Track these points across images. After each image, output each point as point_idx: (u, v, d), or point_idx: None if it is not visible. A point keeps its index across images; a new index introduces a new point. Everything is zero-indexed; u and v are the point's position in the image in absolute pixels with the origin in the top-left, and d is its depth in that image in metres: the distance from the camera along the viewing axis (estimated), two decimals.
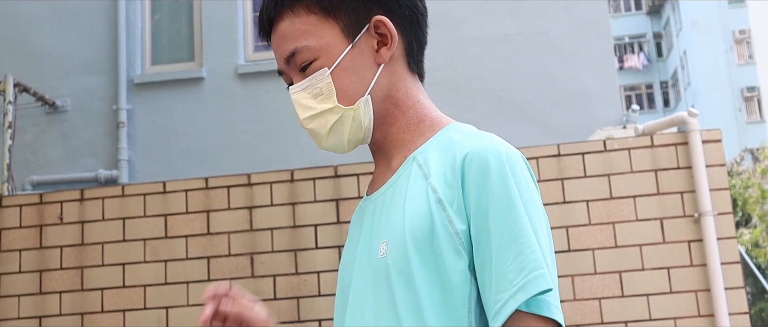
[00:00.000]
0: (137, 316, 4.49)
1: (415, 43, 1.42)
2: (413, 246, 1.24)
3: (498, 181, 1.22)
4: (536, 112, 6.10)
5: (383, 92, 1.37)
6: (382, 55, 1.37)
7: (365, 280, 1.31)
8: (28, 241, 4.65)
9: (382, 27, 1.37)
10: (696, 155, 4.28)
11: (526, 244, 1.19)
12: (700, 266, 4.22)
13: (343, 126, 1.35)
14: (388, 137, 1.39)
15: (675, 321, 4.19)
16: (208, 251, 4.52)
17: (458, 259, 1.22)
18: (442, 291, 1.23)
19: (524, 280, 1.17)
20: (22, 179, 6.30)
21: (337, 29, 1.35)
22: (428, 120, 1.39)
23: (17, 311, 4.57)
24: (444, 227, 1.23)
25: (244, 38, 6.68)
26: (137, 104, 6.57)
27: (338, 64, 1.34)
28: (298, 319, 4.41)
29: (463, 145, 1.28)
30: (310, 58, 1.35)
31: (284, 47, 1.37)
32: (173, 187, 4.62)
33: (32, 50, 6.70)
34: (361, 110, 1.35)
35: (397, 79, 1.38)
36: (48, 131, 6.56)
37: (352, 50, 1.35)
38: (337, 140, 1.37)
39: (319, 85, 1.34)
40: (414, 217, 1.25)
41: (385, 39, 1.37)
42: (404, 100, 1.38)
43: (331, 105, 1.34)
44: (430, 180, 1.27)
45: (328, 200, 4.50)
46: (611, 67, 6.28)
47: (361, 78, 1.35)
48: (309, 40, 1.35)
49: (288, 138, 6.29)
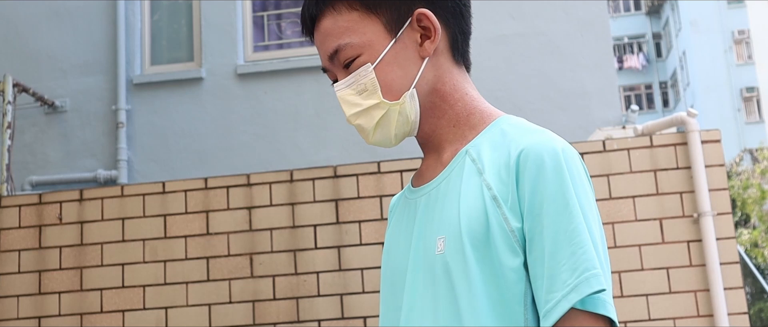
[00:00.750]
0: (136, 317, 4.49)
1: (459, 35, 1.41)
2: (470, 243, 1.24)
3: (553, 179, 1.21)
4: (535, 112, 6.10)
5: (429, 85, 1.36)
6: (426, 48, 1.36)
7: (423, 275, 1.30)
8: (27, 242, 4.65)
9: (424, 20, 1.36)
10: (695, 155, 4.28)
11: (580, 243, 1.18)
12: (700, 266, 4.22)
13: (389, 121, 1.34)
14: (437, 130, 1.38)
15: (674, 321, 4.20)
16: (207, 251, 4.52)
17: (513, 257, 1.22)
18: (498, 288, 1.22)
19: (577, 281, 1.17)
20: (22, 179, 6.30)
21: (379, 25, 1.35)
22: (478, 112, 1.38)
23: (16, 311, 4.57)
24: (499, 225, 1.23)
25: (244, 38, 6.68)
26: (136, 104, 6.57)
27: (382, 59, 1.34)
28: (298, 319, 4.40)
29: (517, 140, 1.27)
30: (353, 54, 1.35)
31: (327, 45, 1.37)
32: (172, 187, 4.62)
33: (31, 50, 6.70)
34: (406, 104, 1.34)
35: (442, 72, 1.38)
36: (47, 131, 6.56)
37: (395, 45, 1.35)
38: (383, 135, 1.36)
39: (363, 81, 1.34)
40: (470, 214, 1.25)
41: (428, 32, 1.36)
42: (451, 93, 1.38)
43: (377, 100, 1.34)
44: (485, 176, 1.27)
45: (327, 200, 4.50)
46: (610, 67, 6.28)
47: (405, 72, 1.34)
48: (351, 36, 1.35)
49: (287, 138, 6.29)
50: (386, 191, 4.44)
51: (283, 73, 6.37)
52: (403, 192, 1.48)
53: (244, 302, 4.45)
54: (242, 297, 4.45)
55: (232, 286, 4.47)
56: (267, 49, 6.71)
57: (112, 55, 6.61)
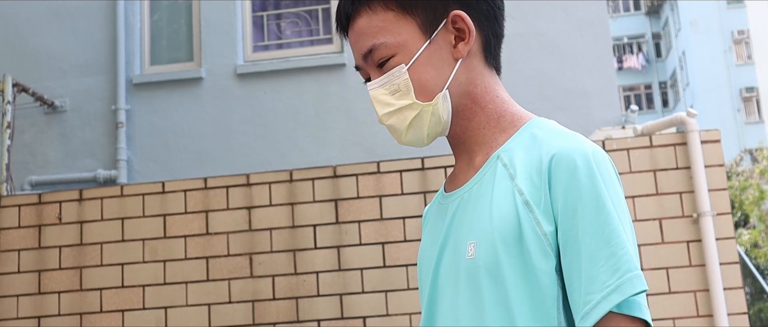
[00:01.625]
0: (136, 317, 4.49)
1: (492, 38, 1.42)
2: (502, 248, 1.24)
3: (586, 182, 1.21)
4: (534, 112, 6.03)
5: (461, 88, 1.36)
6: (460, 50, 1.36)
7: (454, 280, 1.31)
8: (26, 241, 4.65)
9: (459, 22, 1.36)
10: (695, 155, 4.28)
11: (619, 245, 1.18)
12: (699, 266, 4.22)
13: (421, 122, 1.35)
14: (468, 131, 1.38)
15: (674, 321, 4.20)
16: (206, 251, 4.52)
17: (546, 261, 1.22)
18: (531, 292, 1.23)
19: (619, 282, 1.17)
20: (21, 179, 6.30)
21: (414, 25, 1.35)
22: (508, 115, 1.39)
23: (16, 311, 4.57)
24: (532, 229, 1.23)
25: (243, 38, 6.68)
26: (136, 104, 6.57)
27: (416, 60, 1.34)
28: (297, 319, 4.40)
29: (549, 144, 1.28)
30: (387, 54, 1.35)
31: (362, 44, 1.37)
32: (172, 187, 4.62)
33: (31, 50, 6.70)
34: (439, 106, 1.34)
35: (475, 75, 1.38)
36: (47, 131, 6.56)
37: (429, 46, 1.35)
38: (416, 135, 1.37)
39: (396, 81, 1.34)
40: (502, 218, 1.25)
41: (462, 34, 1.36)
42: (483, 95, 1.38)
43: (410, 101, 1.34)
44: (516, 181, 1.27)
45: (327, 200, 4.50)
46: (610, 67, 6.29)
47: (438, 73, 1.35)
48: (386, 36, 1.34)
49: (287, 138, 6.29)
50: (386, 191, 4.45)
51: (282, 73, 6.37)
52: (437, 198, 1.48)
53: (244, 302, 4.45)
54: (242, 297, 4.45)
55: (232, 286, 4.47)
56: (267, 49, 6.71)
57: (112, 55, 6.61)
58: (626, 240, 1.20)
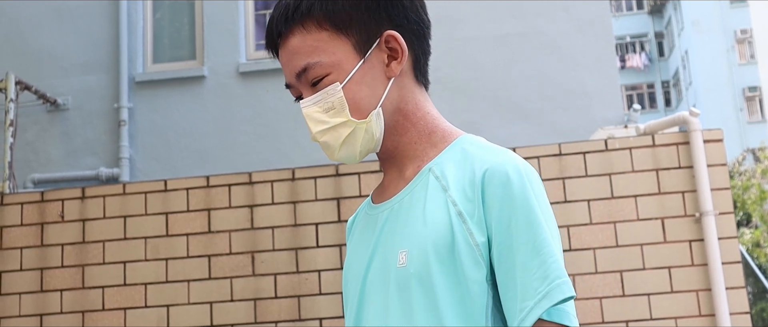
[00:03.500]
0: (138, 315, 4.50)
1: (421, 56, 1.44)
2: (435, 256, 1.27)
3: (519, 195, 1.26)
4: (536, 112, 6.10)
5: (393, 105, 1.39)
6: (393, 69, 1.39)
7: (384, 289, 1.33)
8: (29, 239, 4.65)
9: (392, 41, 1.39)
10: (697, 155, 4.28)
11: (548, 254, 1.23)
12: (701, 266, 4.22)
13: (355, 139, 1.37)
14: (399, 147, 1.41)
15: (676, 320, 4.20)
16: (209, 250, 4.52)
17: (478, 270, 1.26)
18: (461, 301, 1.26)
19: (548, 289, 1.22)
20: (24, 177, 6.31)
21: (348, 45, 1.37)
22: (439, 131, 1.42)
23: (18, 309, 4.58)
24: (464, 239, 1.27)
25: (246, 37, 6.68)
26: (138, 103, 6.58)
27: (350, 79, 1.36)
28: (299, 317, 4.41)
29: (481, 159, 1.32)
30: (322, 73, 1.36)
31: (295, 63, 1.38)
32: (174, 185, 4.62)
33: (33, 49, 6.71)
34: (373, 123, 1.37)
35: (406, 92, 1.41)
36: (49, 129, 6.56)
37: (363, 65, 1.37)
38: (349, 152, 1.39)
39: (331, 99, 1.36)
40: (435, 228, 1.28)
41: (395, 53, 1.39)
42: (414, 112, 1.41)
43: (344, 119, 1.36)
44: (450, 193, 1.30)
45: (329, 199, 4.50)
46: (612, 66, 6.28)
47: (372, 92, 1.37)
48: (321, 56, 1.36)
49: (289, 137, 6.29)
50: None
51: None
52: (362, 209, 1.51)
53: (246, 301, 4.45)
54: (244, 295, 4.46)
55: (234, 284, 4.47)
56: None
57: (115, 53, 6.62)
58: (555, 249, 1.25)
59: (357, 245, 1.46)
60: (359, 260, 1.42)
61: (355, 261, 1.44)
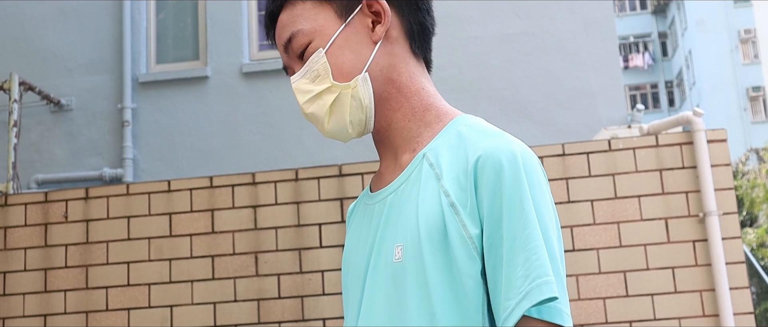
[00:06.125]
0: (142, 315, 4.50)
1: (415, 25, 1.41)
2: (429, 251, 1.22)
3: (511, 185, 1.20)
4: (540, 111, 6.10)
5: (383, 74, 1.36)
6: (377, 32, 1.36)
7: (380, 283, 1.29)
8: (33, 240, 4.66)
9: (375, 5, 1.37)
10: (701, 155, 4.27)
11: (533, 250, 1.17)
12: (705, 266, 4.22)
13: (342, 106, 1.34)
14: (392, 124, 1.37)
15: (679, 321, 4.19)
16: (212, 250, 4.53)
17: (472, 264, 1.21)
18: (455, 296, 1.21)
19: (529, 288, 1.15)
20: (28, 178, 6.32)
21: (330, 11, 1.36)
22: (434, 109, 1.38)
23: (22, 309, 4.59)
24: (458, 232, 1.21)
25: (249, 37, 6.69)
26: (142, 103, 6.59)
27: (332, 43, 1.34)
28: (303, 317, 4.41)
29: (475, 144, 1.26)
30: (305, 41, 1.36)
31: (282, 36, 1.39)
32: (178, 185, 4.63)
33: (37, 49, 6.72)
34: (359, 88, 1.33)
35: (398, 62, 1.37)
36: (53, 130, 6.57)
37: (345, 29, 1.35)
38: (338, 123, 1.36)
39: (315, 67, 1.35)
40: (428, 221, 1.24)
41: (379, 17, 1.37)
42: (407, 85, 1.37)
43: (328, 84, 1.34)
44: (442, 182, 1.25)
45: (332, 199, 4.50)
46: (616, 66, 6.28)
47: (357, 56, 1.34)
48: (303, 24, 1.36)
49: (292, 137, 6.30)
50: None
51: None
52: (362, 197, 1.48)
53: (249, 301, 4.45)
54: (247, 295, 4.46)
55: (237, 284, 4.48)
56: (272, 48, 6.70)
57: (118, 53, 6.63)
58: (541, 245, 1.18)
59: (356, 236, 1.42)
60: (359, 254, 1.38)
61: (355, 254, 1.40)
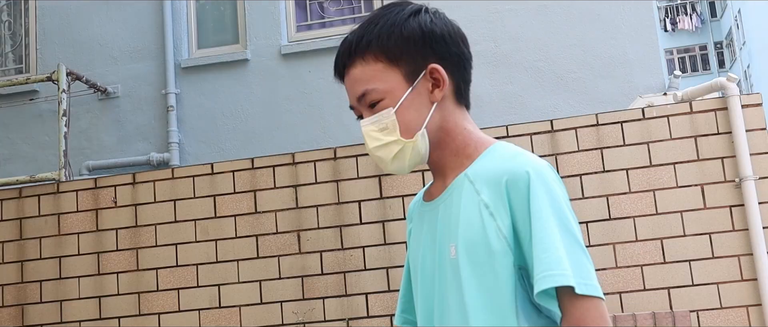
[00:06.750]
0: (190, 294, 4.66)
1: (462, 83, 1.71)
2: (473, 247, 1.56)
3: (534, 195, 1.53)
4: (577, 81, 6.10)
5: (436, 125, 1.67)
6: (436, 95, 1.66)
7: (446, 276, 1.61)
8: (85, 225, 4.84)
9: (436, 73, 1.65)
10: (736, 120, 4.26)
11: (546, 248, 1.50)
12: (742, 231, 4.22)
13: (404, 155, 1.66)
14: (442, 159, 1.70)
15: (718, 286, 4.21)
16: (256, 229, 4.65)
17: (506, 257, 1.54)
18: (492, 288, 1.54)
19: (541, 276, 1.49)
20: (79, 165, 6.52)
21: (399, 75, 1.65)
22: (473, 143, 1.69)
23: (78, 292, 4.77)
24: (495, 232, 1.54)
25: (287, 19, 6.78)
26: (185, 88, 6.73)
27: (401, 104, 1.64)
28: (346, 292, 4.52)
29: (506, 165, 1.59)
30: (377, 98, 1.65)
31: (356, 88, 1.67)
32: (220, 168, 4.76)
33: (83, 40, 6.90)
34: (418, 142, 1.65)
35: (447, 114, 1.68)
36: (101, 117, 6.76)
37: (411, 92, 1.65)
38: (399, 165, 1.67)
39: (385, 121, 1.64)
40: (469, 225, 1.57)
41: (438, 82, 1.65)
42: (453, 129, 1.69)
43: (395, 138, 1.64)
44: (482, 196, 1.58)
45: (370, 176, 4.59)
46: (652, 33, 6.23)
47: (419, 115, 1.65)
48: (377, 83, 1.65)
49: (331, 116, 6.39)
50: None
51: (326, 52, 6.45)
52: (417, 202, 1.83)
53: (293, 278, 4.58)
54: (291, 272, 4.58)
55: (281, 262, 4.60)
56: (310, 29, 6.80)
57: (160, 40, 6.77)
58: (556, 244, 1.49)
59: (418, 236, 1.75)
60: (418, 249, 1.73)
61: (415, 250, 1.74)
